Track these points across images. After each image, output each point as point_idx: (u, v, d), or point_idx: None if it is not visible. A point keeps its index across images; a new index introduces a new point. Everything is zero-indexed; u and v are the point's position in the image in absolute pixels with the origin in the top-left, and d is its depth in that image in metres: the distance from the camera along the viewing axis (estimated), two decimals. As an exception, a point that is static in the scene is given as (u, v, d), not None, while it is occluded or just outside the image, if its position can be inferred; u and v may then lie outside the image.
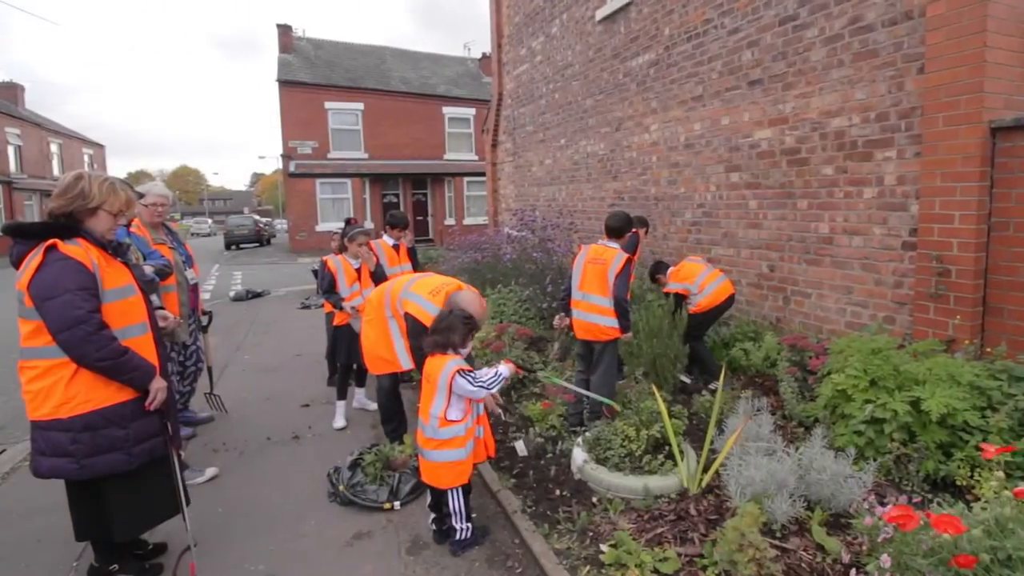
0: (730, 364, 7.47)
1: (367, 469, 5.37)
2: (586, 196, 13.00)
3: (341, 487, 5.26)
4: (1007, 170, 5.51)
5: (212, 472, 5.80)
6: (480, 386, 4.19)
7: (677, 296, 7.35)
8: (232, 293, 18.03)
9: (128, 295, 3.80)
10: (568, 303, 6.37)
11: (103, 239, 3.80)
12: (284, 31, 37.84)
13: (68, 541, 4.47)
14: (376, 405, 6.30)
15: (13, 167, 39.30)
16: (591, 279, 6.07)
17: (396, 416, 6.13)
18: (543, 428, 6.19)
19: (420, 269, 8.62)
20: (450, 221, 37.90)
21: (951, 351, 5.67)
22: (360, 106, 36.48)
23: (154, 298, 5.56)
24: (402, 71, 39.92)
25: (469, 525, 4.42)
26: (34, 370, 3.59)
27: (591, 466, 4.97)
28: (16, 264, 3.64)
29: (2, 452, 6.64)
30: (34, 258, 3.52)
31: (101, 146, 56.49)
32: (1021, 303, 5.46)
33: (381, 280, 6.76)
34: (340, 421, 7.07)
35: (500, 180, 17.92)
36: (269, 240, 47.69)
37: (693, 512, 4.37)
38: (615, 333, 5.99)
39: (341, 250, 7.31)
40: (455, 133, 39.56)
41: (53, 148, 46.13)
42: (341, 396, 7.20)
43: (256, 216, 52.76)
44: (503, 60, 17.10)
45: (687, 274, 7.39)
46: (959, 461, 4.52)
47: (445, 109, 39.03)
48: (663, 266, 7.87)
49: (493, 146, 18.08)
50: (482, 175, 25.80)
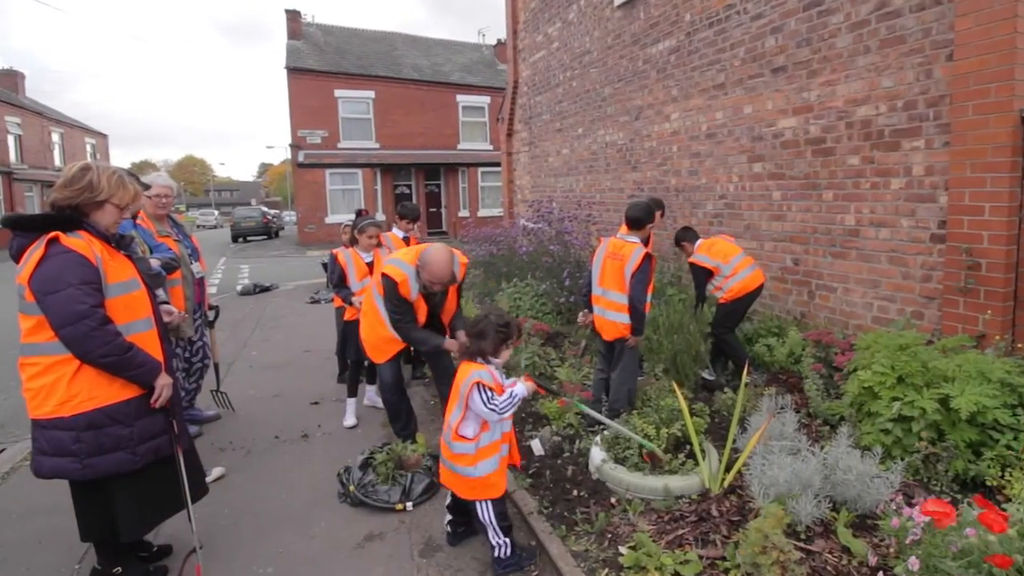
0: (753, 360, 7.44)
1: (378, 468, 5.36)
2: (604, 187, 12.99)
3: (352, 487, 5.26)
4: (1040, 160, 5.49)
5: (219, 472, 5.81)
6: (492, 409, 3.96)
7: (699, 278, 7.20)
8: (239, 287, 18.11)
9: (132, 289, 3.79)
10: (589, 299, 6.31)
11: (106, 232, 3.78)
12: (293, 17, 37.88)
13: (70, 542, 4.52)
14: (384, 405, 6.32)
15: (13, 157, 39.37)
16: (610, 275, 5.97)
17: (403, 413, 6.13)
18: (560, 426, 6.18)
19: None
20: (464, 213, 37.92)
21: (981, 347, 5.65)
22: (371, 94, 36.52)
23: (160, 292, 5.57)
24: (414, 58, 39.95)
25: (507, 540, 4.16)
26: (35, 367, 3.57)
27: (610, 466, 4.96)
28: (16, 258, 3.61)
29: (2, 451, 6.63)
30: (35, 251, 3.50)
31: (104, 135, 56.64)
32: (1055, 298, 5.45)
33: None
34: (351, 419, 7.06)
35: (516, 170, 17.90)
36: (277, 233, 47.84)
37: (715, 513, 4.37)
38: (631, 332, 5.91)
39: (352, 243, 7.30)
40: (469, 122, 39.57)
41: (54, 137, 46.20)
42: (351, 393, 7.20)
43: (264, 208, 52.86)
44: (519, 47, 17.06)
45: (721, 252, 7.17)
46: (989, 460, 4.51)
47: (459, 97, 39.05)
48: (692, 234, 7.58)
49: (508, 135, 18.06)
50: (497, 165, 25.84)
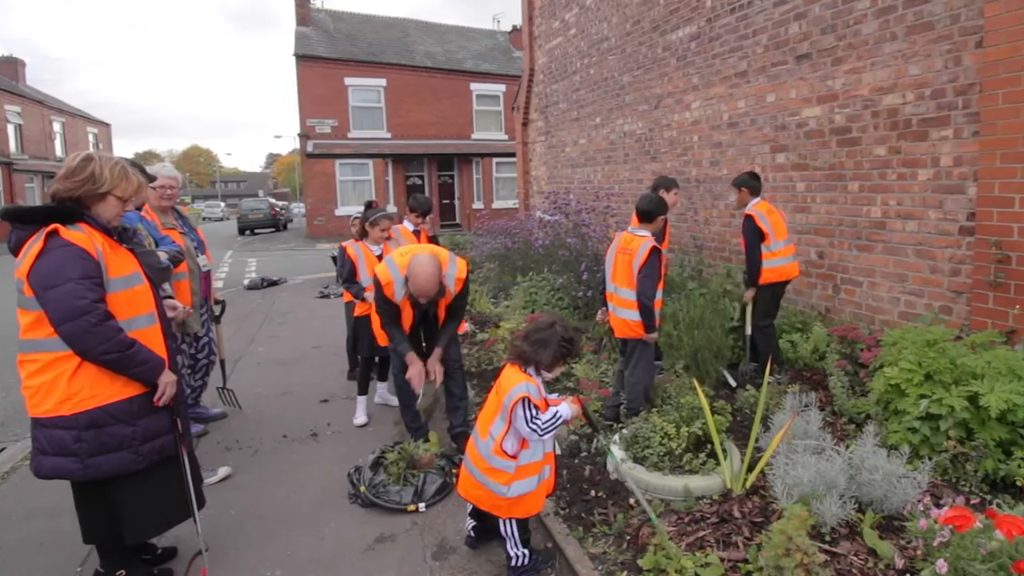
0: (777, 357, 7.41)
1: (390, 468, 5.37)
2: (623, 178, 12.99)
3: (362, 488, 5.26)
4: (1074, 150, 5.46)
5: (225, 472, 5.79)
6: (533, 428, 3.83)
7: (753, 236, 6.92)
8: (246, 281, 18.13)
9: (135, 284, 3.77)
10: (604, 295, 6.28)
11: (108, 225, 3.76)
12: (301, 2, 37.93)
13: (71, 545, 4.51)
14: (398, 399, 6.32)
15: (13, 147, 39.52)
16: (621, 271, 5.90)
17: (418, 412, 6.14)
18: (577, 424, 6.19)
19: None
20: (478, 205, 37.96)
21: (1011, 343, 5.64)
22: (382, 82, 36.55)
23: (166, 286, 5.57)
24: (427, 45, 39.94)
25: (526, 552, 4.12)
26: (35, 364, 3.55)
27: (628, 465, 4.96)
28: (15, 251, 3.60)
29: (2, 450, 6.64)
30: (34, 244, 3.48)
31: (107, 125, 56.95)
32: (1089, 292, 5.42)
33: None
34: (361, 418, 7.04)
35: (531, 161, 17.91)
36: (285, 225, 47.89)
37: (737, 514, 4.37)
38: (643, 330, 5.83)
39: (362, 236, 7.30)
40: (483, 111, 39.57)
41: (56, 127, 46.41)
42: (362, 391, 7.19)
43: (272, 199, 52.94)
44: (534, 33, 17.05)
45: (775, 223, 7.01)
46: (1020, 460, 4.49)
47: (473, 85, 39.04)
48: (757, 183, 7.25)
49: (524, 125, 18.06)
50: (512, 156, 25.81)
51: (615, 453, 4.99)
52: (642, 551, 4.08)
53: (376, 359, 7.31)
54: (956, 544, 3.15)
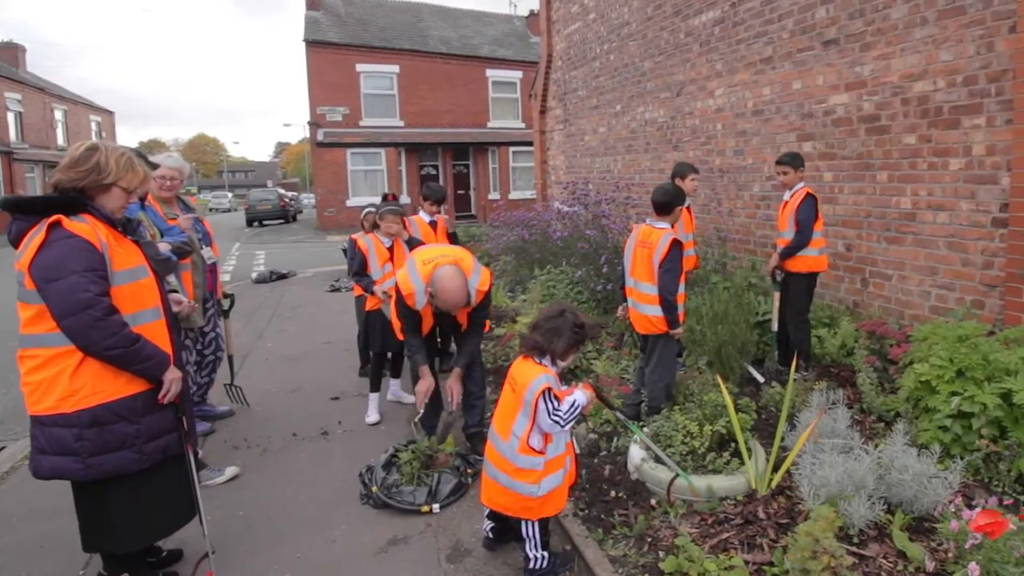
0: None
1: (403, 468, 5.37)
2: (644, 168, 12.97)
3: (374, 488, 5.26)
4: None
5: (232, 472, 5.78)
6: (556, 420, 3.86)
7: (810, 210, 6.74)
8: (254, 274, 18.18)
9: (139, 277, 3.76)
10: (624, 290, 6.27)
11: (112, 216, 3.75)
12: (311, -14, 37.86)
13: (73, 547, 4.39)
14: (412, 397, 6.33)
15: (13, 135, 39.51)
16: (640, 265, 5.89)
17: (432, 409, 6.11)
18: (596, 422, 6.20)
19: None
20: (494, 195, 37.80)
21: (1048, 339, 5.61)
22: (395, 69, 36.50)
23: (172, 279, 5.54)
24: (441, 30, 39.89)
25: (544, 554, 4.14)
26: (35, 359, 3.53)
27: (650, 465, 4.96)
28: (15, 243, 3.58)
29: (1, 449, 6.66)
30: (36, 236, 3.45)
31: (110, 112, 57.07)
32: None
33: None
34: (373, 415, 7.04)
35: (549, 150, 17.90)
36: (295, 216, 47.90)
37: (762, 515, 4.37)
38: (666, 326, 5.80)
39: (373, 227, 7.28)
40: (500, 98, 39.50)
41: (57, 115, 46.48)
42: (374, 388, 7.18)
43: (281, 190, 52.96)
44: (552, 18, 17.03)
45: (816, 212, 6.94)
46: (1056, 460, 4.49)
47: (489, 72, 38.99)
48: (800, 161, 7.07)
49: (542, 113, 18.05)
50: (530, 145, 25.78)
51: (634, 453, 5.01)
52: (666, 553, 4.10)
53: (388, 355, 7.31)
54: (989, 547, 3.15)
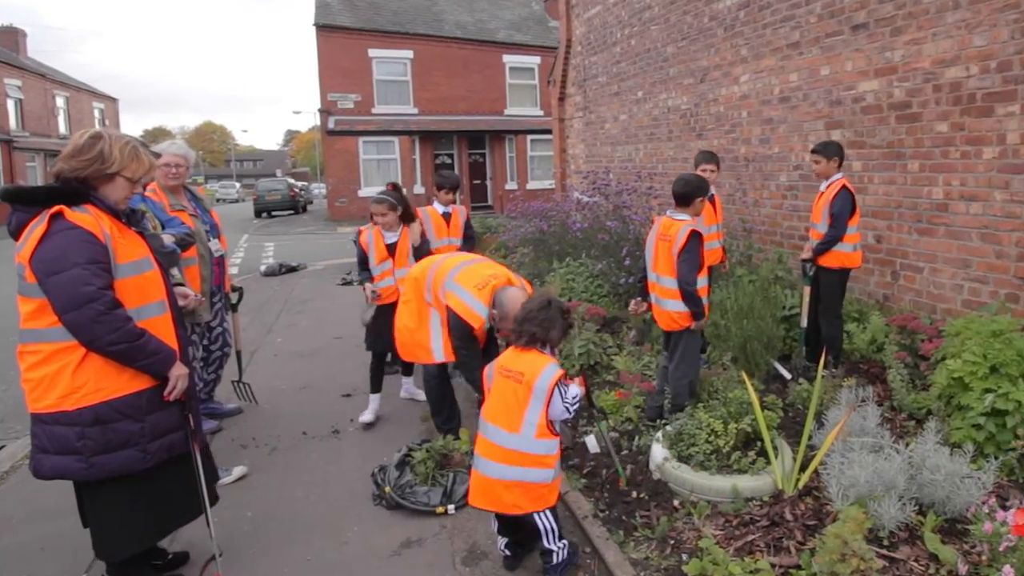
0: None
1: (417, 468, 5.36)
2: (667, 156, 12.95)
3: (387, 488, 5.24)
4: None
5: (240, 471, 5.77)
6: (567, 406, 4.03)
7: (847, 202, 6.67)
8: (263, 267, 18.12)
9: (144, 269, 3.74)
10: (645, 285, 6.25)
11: (116, 207, 3.73)
12: (322, -32, 37.79)
13: (75, 549, 4.47)
14: (425, 395, 6.33)
15: (14, 123, 39.37)
16: (662, 259, 5.88)
17: (446, 405, 6.14)
18: (617, 421, 6.22)
19: (476, 242, 8.55)
20: (511, 185, 37.72)
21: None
22: (409, 54, 36.40)
23: (175, 272, 5.51)
24: (457, 14, 39.72)
25: (564, 543, 4.17)
26: (36, 355, 3.50)
27: (672, 464, 4.98)
28: (16, 234, 3.55)
29: (1, 448, 6.67)
30: (37, 227, 3.42)
31: (113, 99, 57.12)
32: None
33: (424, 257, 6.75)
34: (367, 415, 6.91)
35: (569, 138, 17.88)
36: (305, 207, 48.01)
37: (789, 517, 4.38)
38: (689, 320, 5.81)
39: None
40: (517, 85, 39.39)
41: (59, 102, 46.42)
42: (375, 388, 7.07)
43: (290, 179, 53.07)
44: (571, 1, 16.95)
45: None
46: (1093, 460, 4.48)
47: (506, 57, 38.88)
48: (840, 151, 6.97)
49: (561, 100, 18.02)
50: (548, 133, 25.74)
51: (656, 452, 5.03)
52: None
53: (388, 356, 7.23)
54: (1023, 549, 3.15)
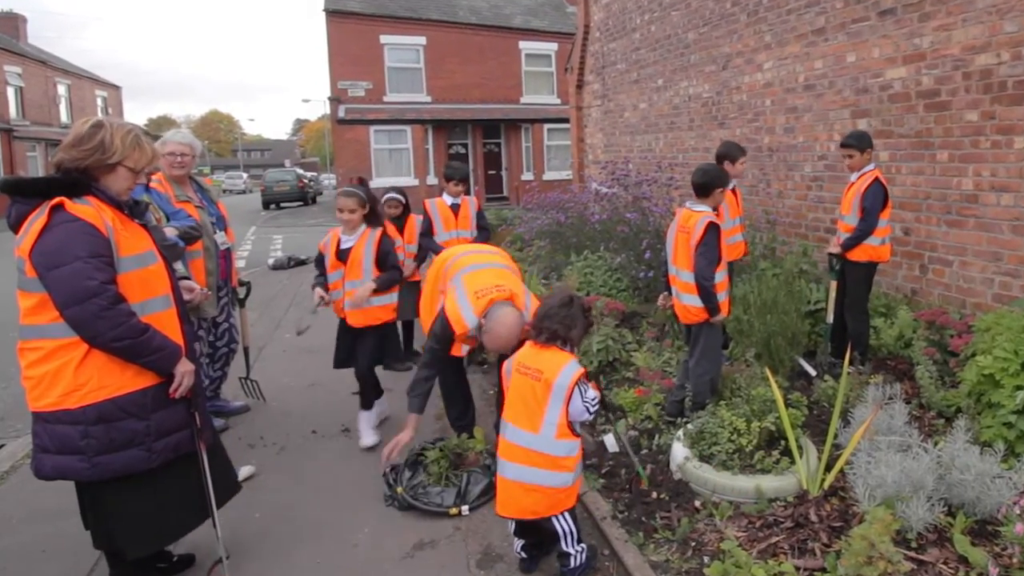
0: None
1: (430, 468, 5.34)
2: (688, 146, 12.93)
3: (399, 489, 5.23)
4: None
5: (248, 471, 5.74)
6: (587, 406, 4.02)
7: (878, 196, 6.63)
8: (271, 260, 18.14)
9: (148, 263, 3.73)
10: (667, 279, 6.24)
11: (118, 198, 3.72)
12: (333, -49, 37.71)
13: (76, 551, 4.48)
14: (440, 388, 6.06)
15: (13, 112, 39.37)
16: (681, 252, 5.87)
17: (460, 399, 6.06)
18: (637, 419, 6.22)
19: (492, 233, 8.50)
20: (528, 176, 37.64)
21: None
22: (422, 40, 36.25)
23: (179, 266, 5.48)
24: (471, -1, 39.78)
25: (583, 547, 4.17)
26: (37, 352, 3.49)
27: (693, 464, 4.99)
28: (15, 227, 3.54)
29: (0, 447, 6.67)
30: (37, 220, 3.41)
31: (116, 87, 57.14)
32: None
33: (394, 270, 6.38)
34: (368, 438, 6.34)
35: (586, 127, 17.86)
36: (314, 198, 47.97)
37: (813, 518, 4.38)
38: (707, 314, 5.79)
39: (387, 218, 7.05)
40: (533, 72, 39.24)
41: (60, 90, 46.42)
42: (365, 405, 6.56)
43: (299, 170, 53.21)
44: (589, -14, 16.96)
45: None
46: None
47: (522, 44, 38.74)
48: (867, 140, 6.85)
49: (578, 87, 17.99)
50: (565, 122, 25.68)
51: (677, 452, 5.03)
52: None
53: (375, 369, 6.60)
54: (1056, 553, 3.14)
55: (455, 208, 8.09)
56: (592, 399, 4.04)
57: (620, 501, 4.99)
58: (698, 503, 4.80)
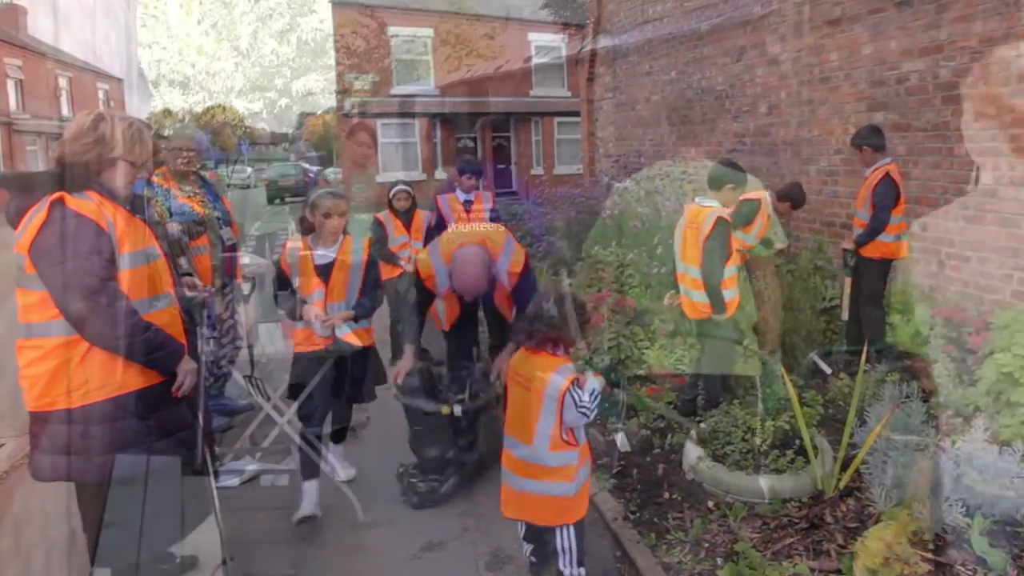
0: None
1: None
2: (701, 140, 12.89)
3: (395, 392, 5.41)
4: None
5: (252, 471, 5.77)
6: (583, 411, 3.78)
7: (891, 192, 6.76)
8: (275, 257, 17.95)
9: (151, 259, 3.70)
10: (676, 276, 6.22)
11: (119, 193, 3.67)
12: (337, -60, 37.62)
13: (76, 553, 4.36)
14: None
15: (13, 105, 38.76)
16: (691, 248, 5.86)
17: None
18: (649, 418, 6.23)
19: None
20: (538, 170, 37.43)
21: None
22: (429, 32, 36.18)
23: (183, 262, 5.51)
24: (480, -10, 39.69)
25: (582, 571, 4.00)
26: (36, 351, 3.44)
27: (707, 464, 5.00)
28: (14, 223, 3.47)
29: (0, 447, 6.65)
30: (37, 215, 3.37)
31: (119, 80, 56.57)
32: None
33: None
34: (307, 507, 5.05)
35: (598, 121, 17.79)
36: (320, 193, 47.97)
37: (829, 519, 4.39)
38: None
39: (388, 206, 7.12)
40: (543, 64, 39.13)
41: (62, 82, 45.62)
42: (308, 473, 5.18)
43: (304, 164, 53.06)
44: (601, -22, 16.92)
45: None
46: None
47: (532, 36, 38.60)
48: (881, 141, 7.01)
49: (589, 80, 17.91)
50: (576, 115, 25.66)
51: (690, 451, 5.03)
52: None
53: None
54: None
55: (468, 204, 7.93)
56: (590, 401, 3.81)
57: (632, 501, 4.99)
58: (711, 504, 4.80)
